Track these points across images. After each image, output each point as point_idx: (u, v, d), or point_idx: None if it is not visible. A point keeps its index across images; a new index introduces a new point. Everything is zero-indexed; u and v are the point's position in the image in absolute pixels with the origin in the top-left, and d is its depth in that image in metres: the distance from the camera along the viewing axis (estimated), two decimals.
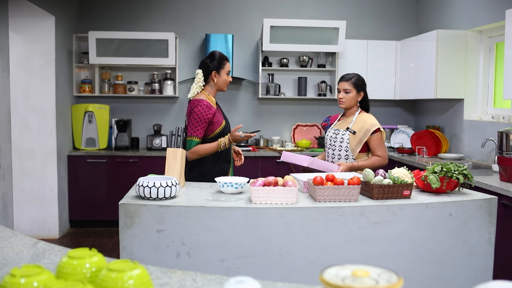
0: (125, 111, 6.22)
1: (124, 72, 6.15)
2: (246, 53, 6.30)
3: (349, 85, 3.37)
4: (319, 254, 2.39)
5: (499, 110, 4.93)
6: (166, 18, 6.18)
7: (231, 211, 2.36)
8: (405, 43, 5.97)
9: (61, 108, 5.42)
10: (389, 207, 2.44)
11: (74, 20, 5.89)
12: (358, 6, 6.36)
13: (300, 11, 6.27)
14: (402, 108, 6.58)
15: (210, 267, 2.35)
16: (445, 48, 5.17)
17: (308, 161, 3.07)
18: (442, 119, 5.77)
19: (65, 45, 5.56)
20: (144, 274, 1.23)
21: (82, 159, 5.67)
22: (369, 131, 3.28)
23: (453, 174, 2.63)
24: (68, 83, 5.71)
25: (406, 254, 2.47)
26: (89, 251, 1.35)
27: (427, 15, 6.09)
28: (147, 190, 2.44)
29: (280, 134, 6.42)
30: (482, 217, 2.58)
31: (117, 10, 6.12)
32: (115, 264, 1.24)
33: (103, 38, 5.65)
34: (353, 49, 6.05)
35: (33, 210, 5.27)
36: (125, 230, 2.39)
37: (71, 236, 5.48)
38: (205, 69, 3.19)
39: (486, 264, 2.62)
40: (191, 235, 2.36)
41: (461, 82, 5.22)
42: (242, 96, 6.37)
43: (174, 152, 2.80)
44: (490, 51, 5.11)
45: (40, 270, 1.21)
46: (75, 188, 5.69)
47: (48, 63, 5.17)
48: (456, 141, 5.43)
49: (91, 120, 5.80)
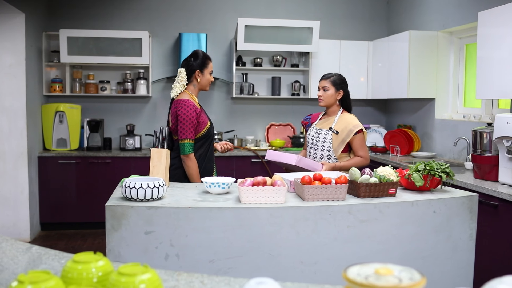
0: (97, 111, 6.10)
1: (95, 71, 6.03)
2: (220, 52, 6.27)
3: (328, 83, 3.40)
4: (309, 253, 2.40)
5: (469, 109, 5.07)
6: (139, 16, 6.09)
7: (221, 211, 2.34)
8: (377, 43, 6.07)
9: (31, 108, 5.27)
10: (376, 205, 2.47)
11: (44, 17, 5.74)
12: (331, 7, 6.42)
13: (274, 11, 6.29)
14: (374, 107, 6.68)
15: (200, 269, 2.33)
16: (417, 49, 5.28)
17: (296, 160, 3.08)
18: (414, 118, 5.89)
19: (35, 43, 5.40)
20: (155, 278, 1.21)
21: (53, 160, 5.53)
22: (352, 132, 3.31)
23: (436, 172, 2.69)
24: (38, 82, 5.56)
25: (394, 251, 2.51)
26: (94, 255, 1.32)
27: (399, 16, 6.20)
28: (134, 191, 2.39)
29: (254, 134, 6.42)
30: (464, 214, 2.65)
31: (89, 8, 5.99)
32: (125, 268, 1.21)
33: (74, 36, 5.52)
34: (326, 49, 6.10)
35: (4, 213, 5.12)
36: (112, 233, 2.35)
37: (43, 239, 5.34)
38: (188, 68, 3.16)
39: (468, 259, 2.69)
40: (180, 236, 2.33)
41: (433, 82, 5.35)
42: (215, 95, 6.34)
43: (159, 153, 2.77)
44: (460, 52, 5.25)
45: (48, 276, 1.17)
46: (46, 189, 5.54)
47: (18, 62, 5.02)
48: (427, 140, 5.56)
49: (62, 120, 5.66)
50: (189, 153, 3.06)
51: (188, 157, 3.07)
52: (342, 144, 3.33)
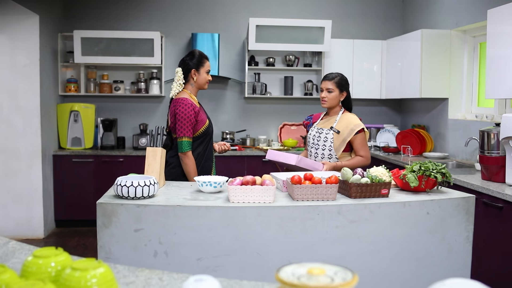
0: (111, 111, 6.20)
1: (110, 72, 6.13)
2: (233, 52, 6.30)
3: (332, 85, 3.38)
4: (297, 253, 2.39)
5: (483, 109, 4.96)
6: (152, 17, 6.16)
7: (208, 210, 2.36)
8: (390, 42, 6.00)
9: (46, 108, 5.39)
10: (367, 206, 2.45)
11: (59, 19, 5.86)
12: (345, 6, 6.37)
13: (287, 10, 6.28)
14: (388, 107, 6.60)
15: (188, 266, 2.35)
16: (429, 48, 5.20)
17: (296, 160, 3.07)
18: (428, 118, 5.81)
19: (50, 44, 5.52)
20: (108, 273, 1.23)
21: (67, 159, 5.64)
22: (353, 131, 3.29)
23: (431, 173, 2.64)
24: (53, 82, 5.68)
25: (385, 252, 2.48)
26: (55, 250, 1.35)
27: (413, 15, 6.12)
28: (125, 189, 2.43)
29: (266, 134, 6.42)
30: (460, 216, 2.60)
31: (104, 9, 6.09)
32: (79, 263, 1.24)
33: (88, 37, 5.62)
34: (339, 48, 6.06)
35: (18, 210, 5.25)
36: (103, 229, 2.39)
37: (56, 236, 5.46)
38: (185, 67, 3.20)
39: (464, 262, 2.64)
40: (168, 234, 2.36)
41: (446, 81, 5.26)
42: (228, 95, 6.37)
43: (154, 152, 2.80)
44: (474, 50, 5.15)
45: (3, 269, 1.20)
46: (60, 187, 5.66)
47: (32, 62, 5.14)
48: (441, 140, 5.46)
49: (76, 119, 5.78)
50: (187, 151, 3.09)
51: (186, 155, 3.09)
52: (343, 144, 3.31)
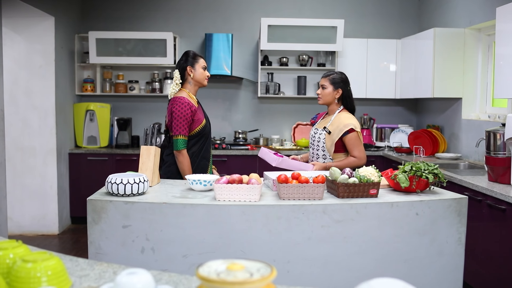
0: (126, 110, 6.32)
1: (125, 72, 6.24)
2: (246, 52, 6.33)
3: (326, 81, 3.36)
4: (281, 252, 2.40)
5: (497, 109, 4.86)
6: (166, 18, 6.25)
7: (193, 208, 2.39)
8: (405, 41, 5.92)
9: (61, 107, 5.53)
10: (353, 206, 2.44)
11: (75, 20, 6.00)
12: (358, 5, 6.33)
13: (300, 10, 6.28)
14: (403, 107, 6.52)
15: (174, 263, 2.39)
16: (442, 47, 5.12)
17: (276, 161, 3.07)
18: (442, 118, 5.71)
19: (66, 45, 5.66)
20: (58, 265, 1.28)
21: (83, 157, 5.78)
22: (341, 131, 3.24)
23: (423, 173, 2.62)
24: (69, 82, 5.82)
25: (371, 252, 2.47)
26: (15, 243, 1.40)
27: (429, 13, 6.03)
28: (115, 186, 2.49)
29: (280, 133, 6.43)
30: (452, 217, 2.56)
31: (119, 10, 6.21)
32: (31, 255, 1.29)
33: (103, 38, 5.74)
34: (353, 47, 6.02)
35: (34, 207, 5.40)
36: (93, 226, 2.45)
37: (71, 231, 5.59)
38: (180, 67, 3.25)
39: (456, 264, 2.60)
40: (155, 231, 2.40)
41: (459, 81, 5.16)
42: (242, 95, 6.40)
43: (148, 150, 2.85)
44: (488, 49, 5.04)
45: None
46: (76, 185, 5.80)
47: (48, 63, 5.28)
48: (454, 141, 5.37)
49: (92, 118, 5.91)
50: (182, 149, 3.13)
51: (181, 153, 3.13)
52: (333, 144, 3.28)
